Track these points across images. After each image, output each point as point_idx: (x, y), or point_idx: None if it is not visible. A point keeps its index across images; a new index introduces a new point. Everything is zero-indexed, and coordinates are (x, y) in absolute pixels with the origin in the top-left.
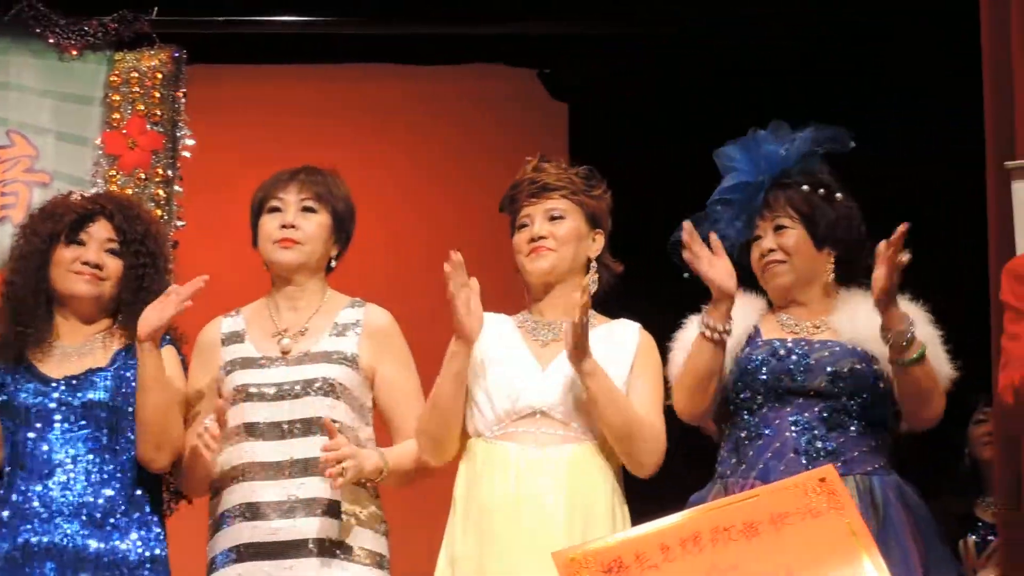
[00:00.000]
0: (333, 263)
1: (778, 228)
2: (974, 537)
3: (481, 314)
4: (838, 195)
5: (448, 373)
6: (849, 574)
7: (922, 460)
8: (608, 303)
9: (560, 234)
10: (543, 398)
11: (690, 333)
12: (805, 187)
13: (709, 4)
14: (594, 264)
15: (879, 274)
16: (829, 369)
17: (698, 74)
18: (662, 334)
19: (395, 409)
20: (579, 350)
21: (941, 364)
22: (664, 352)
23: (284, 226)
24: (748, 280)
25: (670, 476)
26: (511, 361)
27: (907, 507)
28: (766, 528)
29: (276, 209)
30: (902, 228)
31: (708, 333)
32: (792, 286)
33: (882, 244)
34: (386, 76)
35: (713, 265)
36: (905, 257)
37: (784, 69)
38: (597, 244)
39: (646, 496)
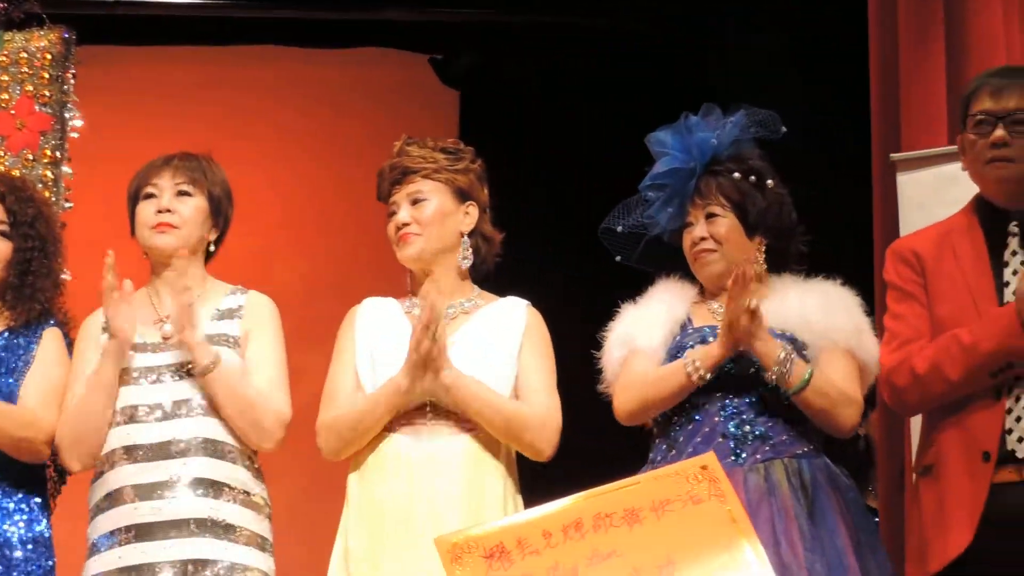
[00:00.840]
0: (212, 247)
1: (710, 216)
2: None
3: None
4: (769, 182)
5: (390, 404)
6: (729, 561)
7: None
8: (497, 285)
9: (423, 217)
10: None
11: (631, 328)
12: (736, 174)
13: None
14: (466, 240)
15: (733, 319)
16: (763, 376)
17: (589, 61)
18: (550, 315)
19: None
20: (433, 369)
21: (867, 352)
22: (562, 332)
23: (160, 211)
24: (677, 265)
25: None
26: (400, 351)
27: (836, 489)
28: (647, 515)
29: (151, 195)
30: (739, 272)
31: (691, 371)
32: (723, 274)
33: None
34: (277, 59)
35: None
36: (753, 303)
37: (674, 55)
38: (470, 218)
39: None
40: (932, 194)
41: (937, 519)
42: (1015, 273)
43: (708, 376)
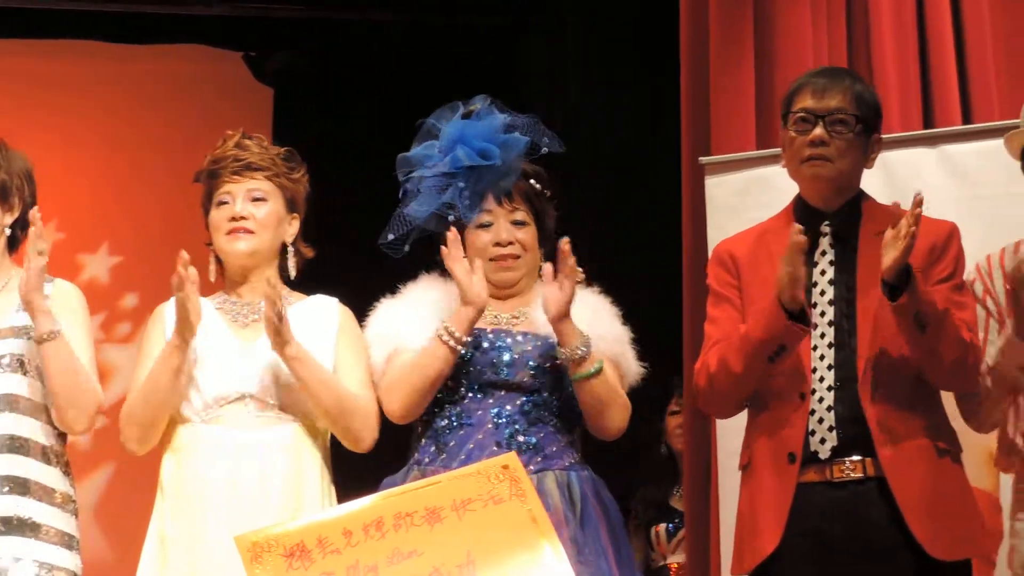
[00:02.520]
0: (9, 232)
1: (518, 223)
2: (666, 525)
3: (200, 311)
4: (547, 191)
5: (167, 367)
6: (529, 560)
7: (619, 449)
8: (307, 284)
9: (262, 217)
10: (249, 381)
11: (394, 326)
12: (537, 184)
13: None
14: (291, 249)
15: (552, 294)
16: (532, 363)
17: (403, 57)
18: (361, 316)
19: None
20: (280, 338)
21: (628, 362)
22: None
23: None
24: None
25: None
26: (215, 345)
27: (602, 503)
28: (448, 514)
29: None
30: (565, 245)
31: (447, 339)
32: (519, 281)
33: (547, 267)
34: (89, 53)
35: (468, 271)
36: (580, 276)
37: (486, 51)
38: (293, 228)
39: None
40: (740, 197)
41: (750, 518)
42: (823, 273)
43: (467, 339)
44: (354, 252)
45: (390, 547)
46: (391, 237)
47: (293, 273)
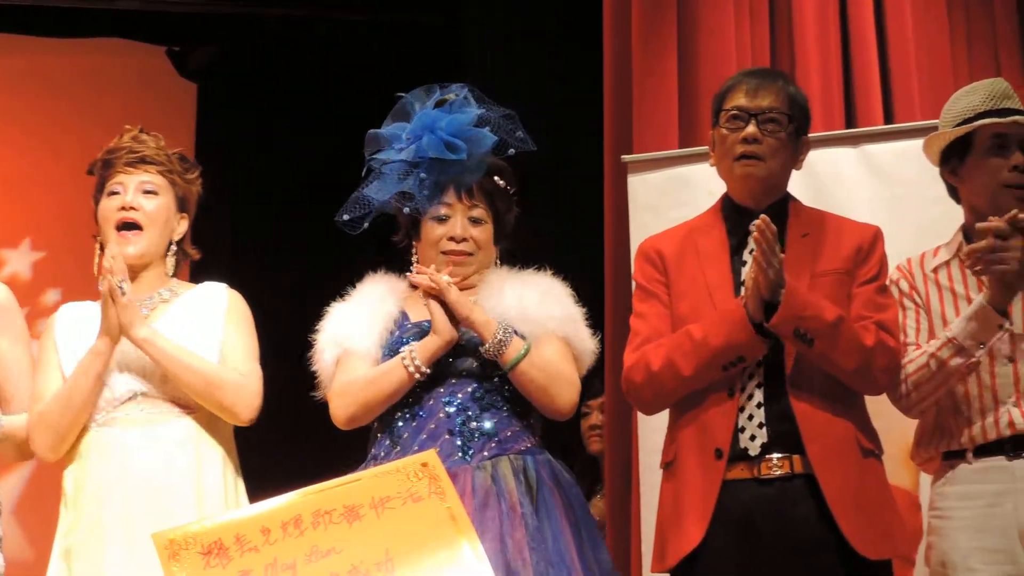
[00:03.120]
0: None
1: (475, 220)
2: None
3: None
4: (510, 188)
5: (90, 372)
6: (447, 558)
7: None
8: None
9: (151, 209)
10: (138, 379)
11: (343, 328)
12: (501, 181)
13: None
14: (174, 248)
15: (435, 308)
16: (480, 350)
17: (329, 55)
18: (289, 302)
19: (6, 382)
20: (126, 323)
21: (582, 341)
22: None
23: None
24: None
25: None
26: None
27: (560, 486)
28: (367, 512)
29: None
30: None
31: (408, 364)
32: (471, 276)
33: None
34: (8, 47)
35: (440, 304)
36: (443, 279)
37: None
38: (182, 228)
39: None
40: (662, 195)
41: (673, 514)
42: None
43: (427, 370)
44: (272, 248)
45: (308, 545)
46: (347, 217)
47: (171, 271)
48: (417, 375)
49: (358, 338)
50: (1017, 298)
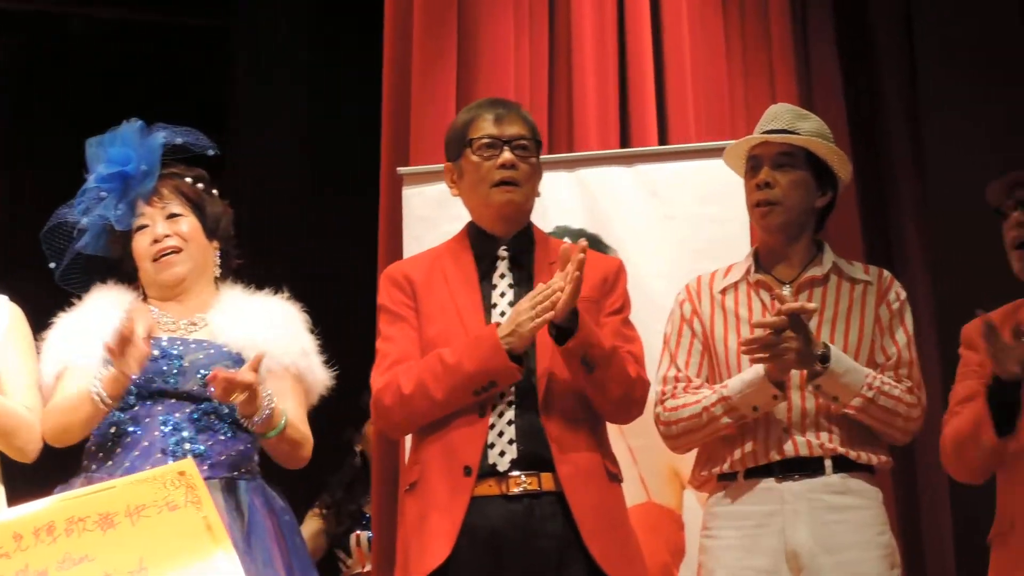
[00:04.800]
0: None
1: (171, 216)
2: (367, 533)
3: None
4: (214, 191)
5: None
6: (202, 567)
7: (316, 459)
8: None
9: None
10: None
11: (66, 343)
12: (188, 179)
13: None
14: None
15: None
16: (202, 372)
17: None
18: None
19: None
20: None
21: (315, 375)
22: None
23: None
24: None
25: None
26: None
27: (272, 512)
28: (122, 519)
29: None
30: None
31: (95, 396)
32: (187, 275)
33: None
34: None
35: (133, 343)
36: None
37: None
38: None
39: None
40: (437, 208)
41: (419, 532)
42: (503, 295)
43: (112, 402)
44: (30, 258)
45: (61, 552)
46: (71, 278)
47: None
48: (102, 406)
49: (80, 354)
50: (813, 321)
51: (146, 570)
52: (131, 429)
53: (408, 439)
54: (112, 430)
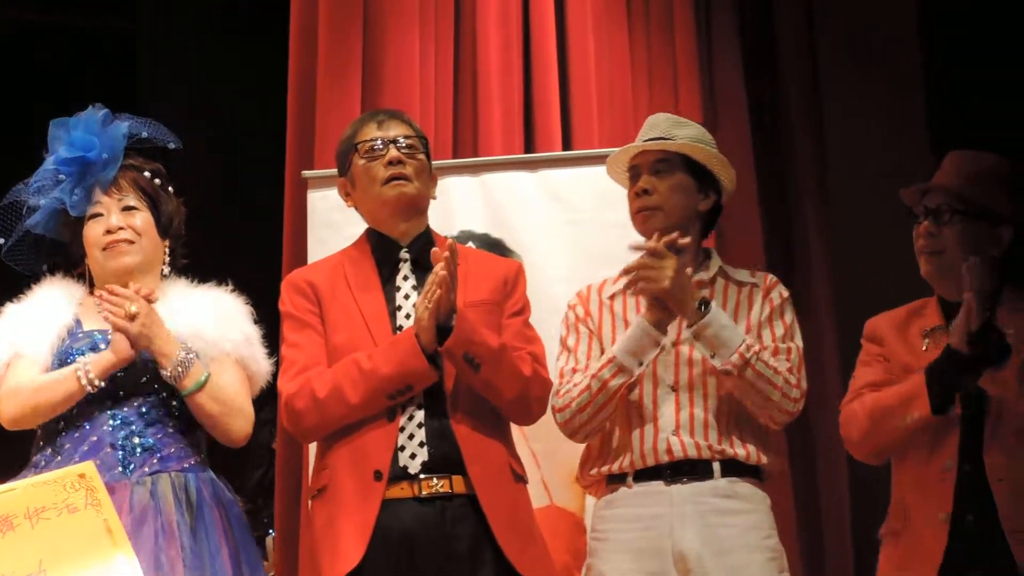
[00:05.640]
0: None
1: (127, 208)
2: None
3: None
4: (170, 187)
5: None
6: (101, 570)
7: (236, 460)
8: None
9: None
10: None
11: (16, 332)
12: (147, 172)
13: None
14: None
15: (121, 328)
16: (152, 364)
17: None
18: None
19: None
20: None
21: (258, 363)
22: None
23: None
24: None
25: None
26: None
27: (220, 505)
28: (22, 522)
29: None
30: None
31: (81, 376)
32: (136, 268)
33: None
34: None
35: (123, 323)
36: (134, 309)
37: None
38: None
39: None
40: (342, 212)
41: (328, 538)
42: (407, 297)
43: (100, 383)
44: None
45: None
46: (18, 255)
47: None
48: (89, 388)
49: (30, 343)
50: (688, 336)
51: (45, 572)
52: (80, 424)
53: (313, 446)
54: (61, 425)
